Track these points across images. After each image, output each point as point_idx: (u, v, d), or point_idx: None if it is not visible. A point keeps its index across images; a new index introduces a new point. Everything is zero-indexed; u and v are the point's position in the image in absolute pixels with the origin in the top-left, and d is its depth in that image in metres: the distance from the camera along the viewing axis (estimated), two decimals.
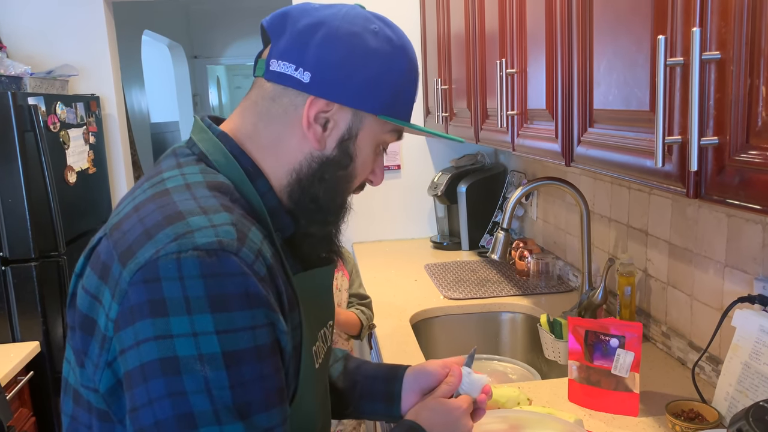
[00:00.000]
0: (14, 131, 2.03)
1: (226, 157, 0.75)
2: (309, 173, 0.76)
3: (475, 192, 2.69)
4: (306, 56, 0.73)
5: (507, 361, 1.86)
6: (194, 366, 0.62)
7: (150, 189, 0.72)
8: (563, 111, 1.26)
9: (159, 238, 0.64)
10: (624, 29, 0.98)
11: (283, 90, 0.75)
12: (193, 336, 0.62)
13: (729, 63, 0.72)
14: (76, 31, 2.75)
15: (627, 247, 1.74)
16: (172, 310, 0.62)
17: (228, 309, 0.63)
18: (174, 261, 0.62)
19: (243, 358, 0.63)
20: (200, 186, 0.70)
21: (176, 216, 0.66)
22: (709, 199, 0.79)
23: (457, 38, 2.19)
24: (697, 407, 1.21)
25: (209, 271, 0.62)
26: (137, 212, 0.69)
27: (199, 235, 0.64)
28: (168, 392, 0.62)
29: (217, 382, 0.62)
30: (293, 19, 0.75)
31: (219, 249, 0.63)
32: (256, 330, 0.65)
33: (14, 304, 2.10)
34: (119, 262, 0.65)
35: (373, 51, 0.74)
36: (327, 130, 0.75)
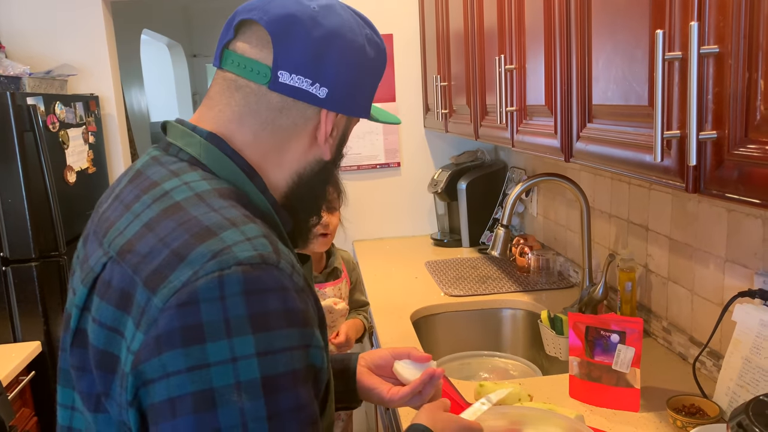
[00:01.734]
0: (13, 131, 2.03)
1: (221, 160, 0.72)
2: (311, 175, 0.78)
3: (475, 189, 2.68)
4: (323, 72, 0.72)
5: (508, 358, 1.87)
6: (230, 397, 0.57)
7: (156, 204, 0.66)
8: (562, 107, 1.26)
9: (193, 258, 0.59)
10: (622, 24, 0.98)
11: (292, 103, 0.73)
12: (232, 362, 0.57)
13: (727, 57, 0.72)
14: (75, 31, 2.75)
15: (627, 243, 1.74)
16: (210, 335, 0.57)
17: (269, 328, 0.58)
18: (216, 280, 0.58)
19: (280, 385, 0.59)
20: (212, 195, 0.66)
21: (205, 232, 0.61)
22: (709, 194, 0.79)
23: (456, 35, 2.19)
24: (698, 402, 1.21)
25: (253, 287, 0.58)
26: (153, 231, 0.63)
27: (237, 249, 0.60)
28: (199, 431, 0.57)
29: (254, 413, 0.57)
30: (304, 26, 0.71)
31: (261, 263, 0.60)
32: (293, 352, 0.60)
33: (15, 304, 2.10)
34: (146, 288, 0.59)
35: (372, 63, 0.77)
36: (333, 138, 0.78)
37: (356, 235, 2.97)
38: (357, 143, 2.93)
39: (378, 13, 2.85)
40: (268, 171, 0.75)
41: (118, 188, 0.74)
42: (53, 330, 2.18)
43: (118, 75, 2.91)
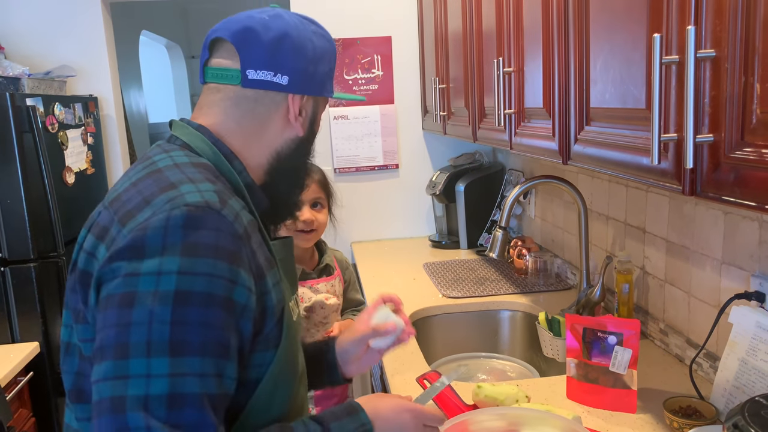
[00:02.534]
0: (12, 132, 2.03)
1: (205, 143, 0.89)
2: (289, 152, 0.95)
3: (473, 191, 2.69)
4: (281, 64, 0.90)
5: (505, 359, 1.87)
6: (146, 300, 0.70)
7: (144, 169, 0.85)
8: (560, 109, 1.27)
9: (156, 203, 0.76)
10: (620, 28, 0.99)
11: (264, 93, 0.91)
12: (157, 275, 0.71)
13: (724, 61, 0.73)
14: (74, 32, 2.75)
15: (625, 245, 1.75)
16: (148, 253, 0.72)
17: (195, 255, 0.72)
18: (165, 215, 0.74)
19: (192, 300, 0.71)
20: (187, 165, 0.84)
21: (169, 186, 0.79)
22: (705, 196, 0.80)
23: (455, 37, 2.20)
24: (695, 404, 1.22)
25: (191, 222, 0.73)
26: (135, 186, 0.81)
27: (188, 196, 0.76)
28: (117, 322, 0.71)
29: (161, 316, 0.70)
30: (258, 33, 0.90)
31: (205, 206, 0.75)
32: (214, 279, 0.73)
33: (14, 305, 2.10)
34: (119, 224, 0.77)
35: (321, 50, 0.95)
36: (302, 117, 0.95)
37: (354, 237, 2.97)
38: (356, 145, 2.93)
39: (376, 16, 2.86)
40: (250, 152, 0.93)
41: (129, 171, 0.91)
42: (52, 331, 2.17)
43: (117, 76, 2.91)
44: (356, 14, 2.84)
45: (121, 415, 0.67)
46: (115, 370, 0.69)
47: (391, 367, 1.59)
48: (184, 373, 0.70)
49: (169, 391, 0.69)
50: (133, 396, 0.68)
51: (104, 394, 0.69)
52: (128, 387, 0.68)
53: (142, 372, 0.69)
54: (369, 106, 2.91)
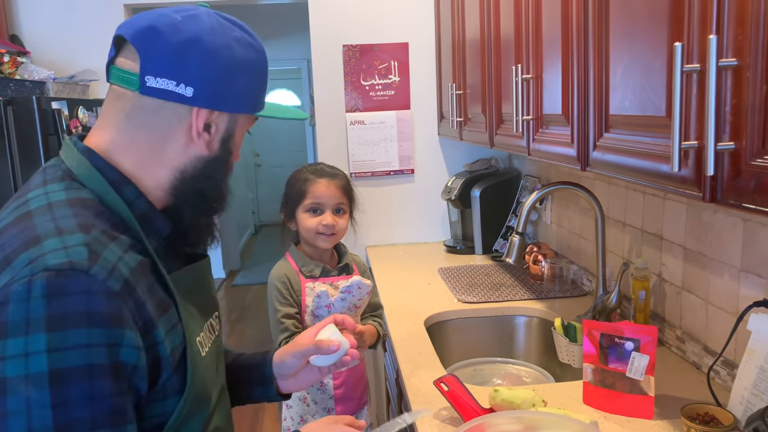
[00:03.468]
0: (38, 135, 2.08)
1: (90, 171, 0.79)
2: (194, 172, 0.84)
3: (488, 196, 2.70)
4: (186, 73, 0.79)
5: (521, 365, 1.88)
6: (19, 387, 0.63)
7: (15, 211, 0.76)
8: (579, 116, 1.28)
9: (15, 264, 0.68)
10: (640, 36, 1.00)
11: (164, 104, 0.80)
12: (24, 356, 0.64)
13: (745, 70, 0.74)
14: (97, 37, 2.80)
15: (641, 252, 1.75)
16: (12, 332, 0.65)
17: (64, 328, 0.65)
18: (25, 284, 0.66)
19: (71, 377, 0.65)
20: (61, 205, 0.74)
21: (33, 240, 0.70)
22: (725, 204, 0.80)
23: (472, 44, 2.21)
24: (713, 411, 1.22)
25: (55, 291, 0.66)
26: (0, 237, 0.73)
27: (50, 257, 0.67)
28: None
29: (39, 401, 0.64)
30: (163, 34, 0.79)
31: (69, 269, 0.67)
32: (91, 348, 0.66)
33: None
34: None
35: (242, 60, 0.83)
36: (211, 134, 0.84)
37: (369, 241, 2.99)
38: (371, 150, 2.95)
39: (394, 22, 2.88)
40: (147, 172, 0.82)
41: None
42: None
43: None
44: (374, 20, 2.87)
45: None
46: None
47: (407, 369, 1.60)
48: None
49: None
50: None
51: None
52: None
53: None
54: (385, 111, 2.94)
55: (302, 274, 1.72)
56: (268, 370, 1.09)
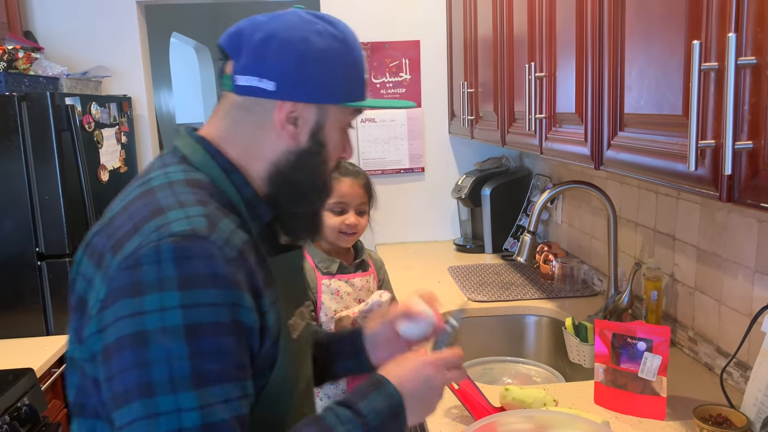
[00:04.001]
0: (52, 130, 2.09)
1: (204, 157, 0.86)
2: (287, 164, 0.88)
3: (499, 195, 2.69)
4: (266, 68, 0.83)
5: (531, 364, 1.87)
6: (158, 338, 0.70)
7: (138, 188, 0.83)
8: (593, 115, 1.27)
9: (144, 230, 0.74)
10: (657, 34, 0.99)
11: (254, 101, 0.85)
12: (161, 311, 0.70)
13: (765, 68, 0.73)
14: (110, 34, 2.81)
15: (654, 252, 1.74)
16: (147, 290, 0.71)
17: (194, 287, 0.72)
18: (153, 248, 0.72)
19: (202, 332, 0.71)
20: (181, 183, 0.81)
21: (158, 211, 0.76)
22: (743, 203, 0.80)
23: (485, 42, 2.21)
24: (726, 412, 1.21)
25: (182, 254, 0.72)
26: (126, 210, 0.79)
27: (175, 225, 0.74)
28: (135, 362, 0.70)
29: (178, 352, 0.70)
30: (247, 35, 0.85)
31: (191, 235, 0.74)
32: (218, 307, 0.73)
33: (49, 299, 2.15)
34: (111, 253, 0.75)
35: (322, 50, 0.85)
36: (298, 126, 0.86)
37: (379, 239, 2.99)
38: (382, 148, 2.95)
39: (405, 20, 2.88)
40: (249, 163, 0.88)
41: None
42: None
43: (150, 77, 2.97)
44: (385, 18, 2.87)
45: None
46: (144, 410, 0.70)
47: None
48: (212, 403, 0.71)
49: (202, 422, 0.70)
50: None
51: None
52: (161, 425, 0.69)
53: (171, 408, 0.69)
54: (395, 109, 2.93)
55: (318, 270, 1.73)
56: (358, 341, 1.10)
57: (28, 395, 1.71)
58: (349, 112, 0.90)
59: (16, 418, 1.63)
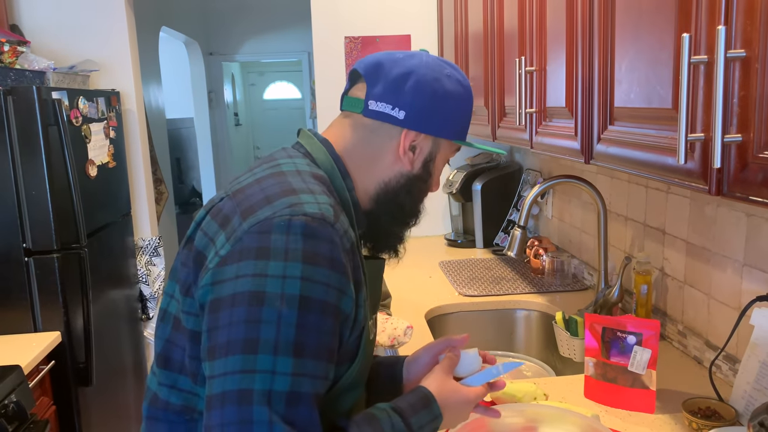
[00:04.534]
0: (38, 125, 2.06)
1: (326, 157, 0.94)
2: (397, 186, 0.96)
3: (490, 190, 2.69)
4: (401, 99, 0.92)
5: (521, 358, 1.88)
6: (275, 302, 0.74)
7: (269, 169, 0.90)
8: (583, 109, 1.27)
9: (276, 204, 0.80)
10: (647, 27, 0.99)
11: (380, 125, 0.94)
12: (283, 278, 0.75)
13: (754, 61, 0.73)
14: (97, 27, 2.79)
15: (644, 246, 1.75)
16: (273, 255, 0.76)
17: (315, 263, 0.77)
18: (286, 221, 0.78)
19: (312, 306, 0.76)
20: (307, 174, 0.89)
21: (291, 191, 0.83)
22: (732, 197, 0.80)
23: (475, 36, 2.20)
24: (714, 405, 1.22)
25: (310, 232, 0.77)
26: (259, 184, 0.85)
27: (307, 206, 0.80)
28: (247, 318, 0.74)
29: (288, 318, 0.75)
30: (386, 68, 0.94)
31: (321, 218, 0.79)
32: (329, 288, 0.78)
33: (36, 295, 2.13)
34: (240, 216, 0.81)
35: (449, 92, 0.95)
36: (415, 154, 0.95)
37: None
38: None
39: (396, 14, 2.87)
40: (360, 176, 0.96)
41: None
42: (73, 321, 2.21)
43: (138, 71, 2.94)
44: (376, 12, 2.85)
45: (247, 407, 0.72)
46: (243, 364, 0.73)
47: None
48: (302, 374, 0.75)
49: (290, 389, 0.74)
50: (259, 390, 0.73)
51: (230, 386, 0.73)
52: (255, 381, 0.73)
53: (268, 368, 0.73)
54: None
55: None
56: (399, 369, 1.09)
57: (15, 392, 1.70)
58: (454, 147, 1.00)
59: (3, 415, 1.62)
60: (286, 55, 6.87)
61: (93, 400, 2.29)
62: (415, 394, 0.93)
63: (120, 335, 2.71)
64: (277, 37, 6.53)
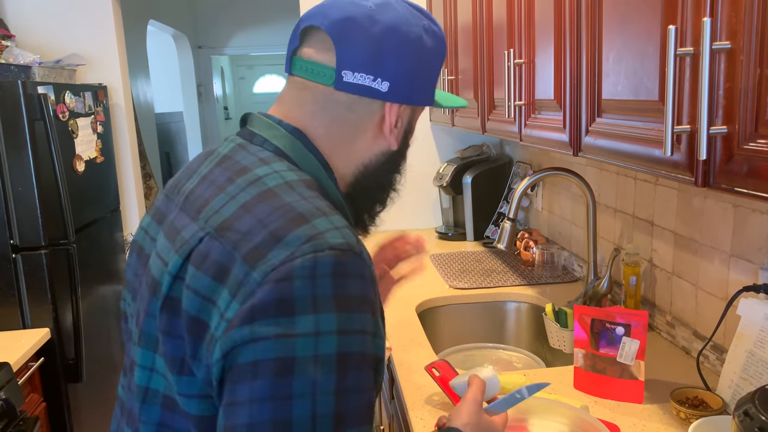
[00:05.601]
0: (24, 120, 2.04)
1: (305, 154, 0.77)
2: (377, 166, 0.82)
3: (480, 183, 2.70)
4: (383, 67, 0.76)
5: (512, 350, 1.88)
6: (307, 367, 0.60)
7: (250, 188, 0.71)
8: (571, 101, 1.27)
9: (290, 240, 0.63)
10: (634, 19, 0.99)
11: (358, 99, 0.78)
12: (315, 335, 0.60)
13: (739, 53, 0.73)
14: (84, 21, 2.76)
15: (632, 238, 1.76)
16: (299, 309, 0.60)
17: (350, 309, 0.63)
18: (311, 261, 0.62)
19: (351, 364, 0.62)
20: (300, 185, 0.71)
21: (299, 218, 0.66)
22: (718, 188, 0.80)
23: (465, 29, 2.20)
24: (702, 395, 1.23)
25: (341, 270, 0.63)
26: (250, 213, 0.67)
27: (329, 236, 0.64)
28: (273, 394, 0.60)
29: (325, 386, 0.60)
30: (362, 27, 0.75)
31: (348, 249, 0.64)
32: (366, 336, 0.64)
33: (24, 292, 2.12)
34: (245, 264, 0.63)
35: (431, 51, 0.80)
36: (398, 129, 0.81)
37: None
38: None
39: None
40: (337, 163, 0.80)
41: (204, 169, 0.79)
42: (62, 317, 2.20)
43: (126, 65, 2.92)
44: None
45: None
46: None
47: (398, 355, 1.61)
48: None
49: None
50: None
51: None
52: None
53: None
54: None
55: None
56: None
57: (4, 390, 1.69)
58: (422, 110, 0.86)
59: None
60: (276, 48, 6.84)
61: (83, 396, 2.28)
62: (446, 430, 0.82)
63: (110, 331, 2.70)
64: (267, 30, 6.50)
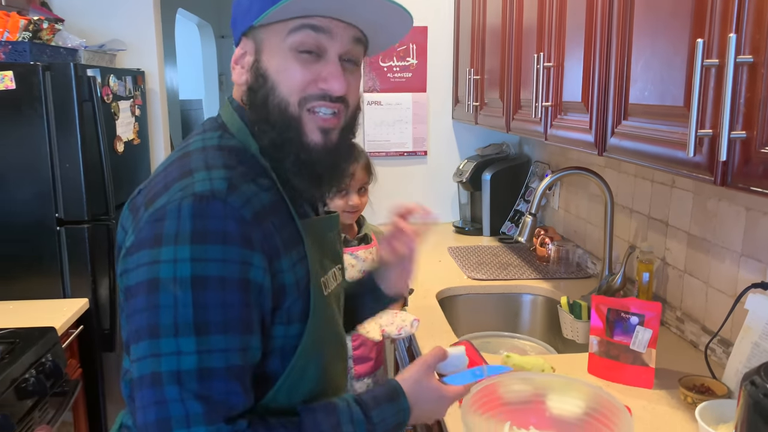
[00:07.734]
0: (74, 100, 2.15)
1: (239, 124, 0.92)
2: (250, 107, 0.91)
3: (499, 180, 2.79)
4: (234, 17, 0.92)
5: (526, 339, 1.98)
6: (169, 286, 0.77)
7: (178, 152, 0.90)
8: (599, 104, 1.36)
9: (172, 190, 0.81)
10: (663, 31, 1.08)
11: (241, 53, 0.92)
12: (174, 262, 0.77)
13: (761, 66, 0.83)
14: (124, 8, 2.86)
15: (647, 237, 1.84)
16: (165, 241, 0.78)
17: (205, 242, 0.78)
18: (177, 204, 0.79)
19: (209, 284, 0.77)
20: (213, 149, 0.88)
21: (187, 172, 0.83)
22: (735, 187, 0.89)
23: (493, 30, 2.28)
24: (708, 382, 1.32)
25: (198, 212, 0.78)
26: (165, 171, 0.86)
27: (198, 185, 0.81)
28: (146, 306, 0.78)
29: (184, 300, 0.76)
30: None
31: (210, 196, 0.79)
32: (227, 263, 0.78)
33: (67, 263, 2.23)
34: (144, 206, 0.83)
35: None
36: (243, 65, 0.91)
37: (380, 219, 3.07)
38: (386, 131, 3.03)
39: (413, 6, 2.92)
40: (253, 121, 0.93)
41: None
42: (100, 289, 2.31)
43: (162, 52, 3.02)
44: None
45: (159, 389, 0.76)
46: (150, 349, 0.77)
47: (421, 337, 1.70)
48: (210, 350, 0.77)
49: (198, 366, 0.76)
50: (167, 372, 0.76)
51: (144, 370, 0.77)
52: (161, 364, 0.76)
53: (172, 350, 0.76)
54: (402, 93, 3.01)
55: None
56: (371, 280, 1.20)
57: (51, 352, 1.80)
58: (285, 31, 0.85)
59: (42, 372, 1.72)
60: None
61: (116, 365, 2.40)
62: (384, 387, 0.94)
63: None
64: None
